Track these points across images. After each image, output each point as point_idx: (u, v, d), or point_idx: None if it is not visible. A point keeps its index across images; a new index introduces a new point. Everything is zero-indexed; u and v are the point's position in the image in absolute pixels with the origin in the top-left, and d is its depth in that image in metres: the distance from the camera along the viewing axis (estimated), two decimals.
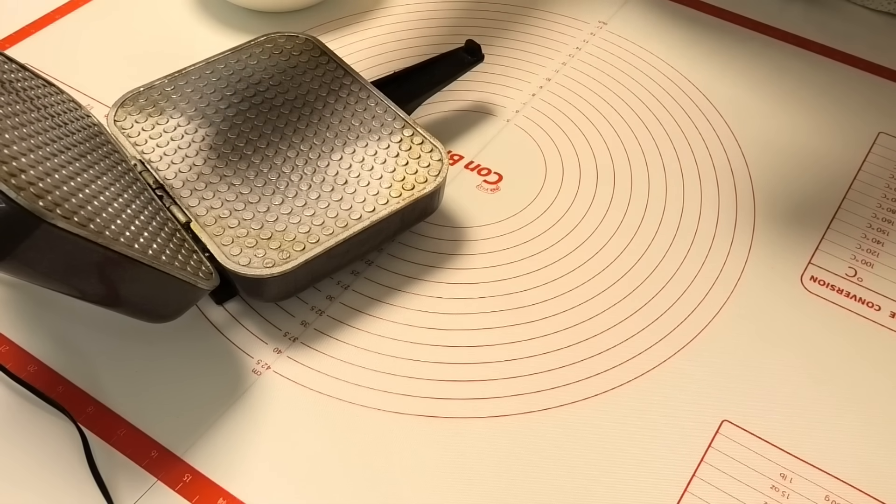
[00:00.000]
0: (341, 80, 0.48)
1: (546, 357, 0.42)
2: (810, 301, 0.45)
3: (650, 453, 0.39)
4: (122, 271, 0.34)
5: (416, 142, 0.45)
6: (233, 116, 0.46)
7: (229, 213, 0.41)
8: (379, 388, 0.41)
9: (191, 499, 0.37)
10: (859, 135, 0.54)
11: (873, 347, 0.43)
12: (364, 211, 0.42)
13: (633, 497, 0.37)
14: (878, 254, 0.47)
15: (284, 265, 0.39)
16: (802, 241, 0.47)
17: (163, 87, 0.47)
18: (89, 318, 0.43)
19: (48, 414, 0.39)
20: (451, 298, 0.44)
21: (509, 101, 0.55)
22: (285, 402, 0.40)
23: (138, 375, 0.41)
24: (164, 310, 0.37)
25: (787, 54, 0.59)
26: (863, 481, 0.38)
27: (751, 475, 0.38)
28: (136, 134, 0.45)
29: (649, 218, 0.48)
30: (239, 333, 0.43)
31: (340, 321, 0.43)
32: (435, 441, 0.39)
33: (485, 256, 0.46)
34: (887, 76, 0.58)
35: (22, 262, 0.30)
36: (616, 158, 0.52)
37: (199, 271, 0.38)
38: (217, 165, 0.43)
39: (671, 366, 0.42)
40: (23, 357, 0.41)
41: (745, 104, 0.55)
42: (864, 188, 0.50)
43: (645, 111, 0.55)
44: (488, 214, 0.48)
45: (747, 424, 0.40)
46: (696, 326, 0.43)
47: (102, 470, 0.37)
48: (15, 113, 0.36)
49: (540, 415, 0.40)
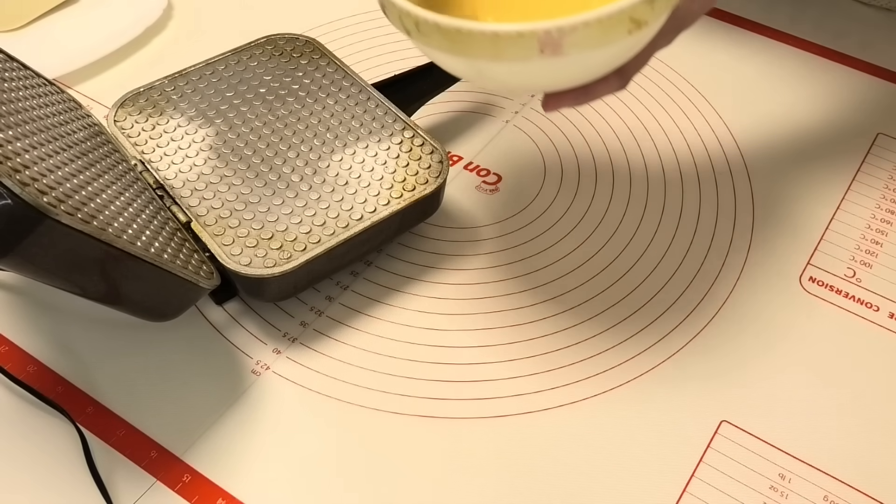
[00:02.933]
0: (341, 82, 0.48)
1: (546, 357, 0.42)
2: (809, 301, 0.45)
3: (649, 453, 0.39)
4: (125, 268, 0.34)
5: (416, 143, 0.45)
6: (233, 117, 0.46)
7: (230, 213, 0.41)
8: (378, 389, 0.41)
9: (190, 499, 0.37)
10: (858, 135, 0.54)
11: (872, 348, 0.43)
12: (365, 211, 0.42)
13: (632, 497, 0.37)
14: (877, 254, 0.47)
15: (285, 265, 0.39)
16: (801, 242, 0.48)
17: (163, 87, 0.47)
18: (89, 319, 0.43)
19: (47, 414, 0.39)
20: (450, 299, 0.44)
21: (508, 102, 0.55)
22: (284, 403, 0.40)
23: (138, 376, 0.41)
24: (165, 308, 0.37)
25: (786, 55, 0.59)
26: (861, 481, 0.38)
27: (749, 475, 0.38)
28: (136, 134, 0.45)
29: (648, 218, 0.48)
30: (238, 334, 0.43)
31: (340, 322, 0.43)
32: (434, 441, 0.39)
33: (484, 257, 0.46)
34: (886, 77, 0.58)
35: (25, 257, 0.30)
36: (615, 159, 0.52)
37: (199, 270, 0.38)
38: (217, 165, 0.43)
39: (670, 366, 0.42)
40: (22, 358, 0.41)
41: (745, 104, 0.55)
42: (862, 189, 0.50)
43: (643, 111, 0.55)
44: (488, 215, 0.48)
45: (746, 425, 0.40)
46: (695, 327, 0.43)
47: (102, 470, 0.37)
48: (17, 111, 0.36)
49: (540, 415, 0.40)
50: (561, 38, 0.29)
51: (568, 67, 0.32)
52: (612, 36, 0.30)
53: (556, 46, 0.29)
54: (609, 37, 0.30)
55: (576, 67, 0.32)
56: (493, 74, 0.33)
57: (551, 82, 0.34)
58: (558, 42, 0.29)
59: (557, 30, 0.29)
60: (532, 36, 0.29)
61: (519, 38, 0.29)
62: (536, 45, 0.29)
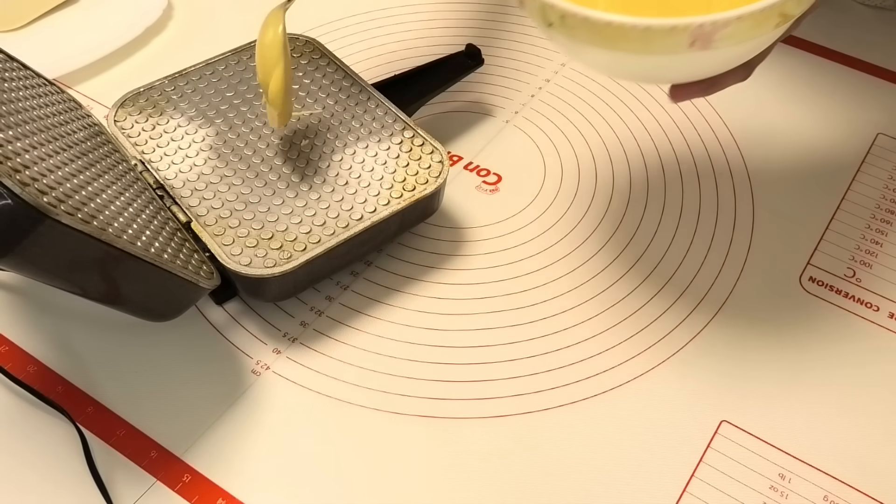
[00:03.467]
0: (341, 82, 0.48)
1: (546, 357, 0.42)
2: (809, 301, 0.45)
3: (649, 453, 0.39)
4: (125, 268, 0.34)
5: (417, 143, 0.45)
6: (233, 117, 0.46)
7: (230, 213, 0.41)
8: (378, 389, 0.41)
9: (190, 499, 0.37)
10: (858, 136, 0.54)
11: (872, 348, 0.43)
12: (365, 211, 0.42)
13: (632, 497, 0.37)
14: (877, 254, 0.47)
15: (286, 265, 0.39)
16: (801, 242, 0.48)
17: (163, 87, 0.47)
18: (89, 319, 0.43)
19: (47, 414, 0.39)
20: (450, 299, 0.44)
21: (508, 102, 0.55)
22: (285, 403, 0.40)
23: (138, 376, 0.41)
24: (165, 308, 0.37)
25: (786, 55, 0.59)
26: (861, 481, 0.38)
27: (749, 475, 0.38)
28: (136, 134, 0.45)
29: (648, 218, 0.48)
30: (238, 334, 0.43)
31: (340, 322, 0.43)
32: (434, 441, 0.39)
33: (484, 257, 0.46)
34: (886, 77, 0.58)
35: (25, 257, 0.30)
36: (615, 159, 0.52)
37: (199, 270, 0.38)
38: (217, 165, 0.43)
39: (670, 366, 0.42)
40: (22, 357, 0.41)
41: (744, 105, 0.55)
42: (862, 189, 0.50)
43: (643, 111, 0.55)
44: (488, 215, 0.49)
45: (746, 425, 0.40)
46: (695, 327, 0.43)
47: (102, 470, 0.37)
48: (17, 111, 0.36)
49: (540, 415, 0.40)
50: (714, 32, 0.29)
51: (711, 60, 0.32)
52: (761, 30, 0.30)
53: (708, 41, 0.29)
54: (758, 31, 0.30)
55: (718, 60, 0.32)
56: (634, 67, 0.33)
57: (688, 74, 0.35)
58: (710, 36, 0.29)
59: (712, 24, 0.29)
60: (685, 30, 0.29)
61: (671, 32, 0.29)
62: (688, 39, 0.29)
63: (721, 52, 0.31)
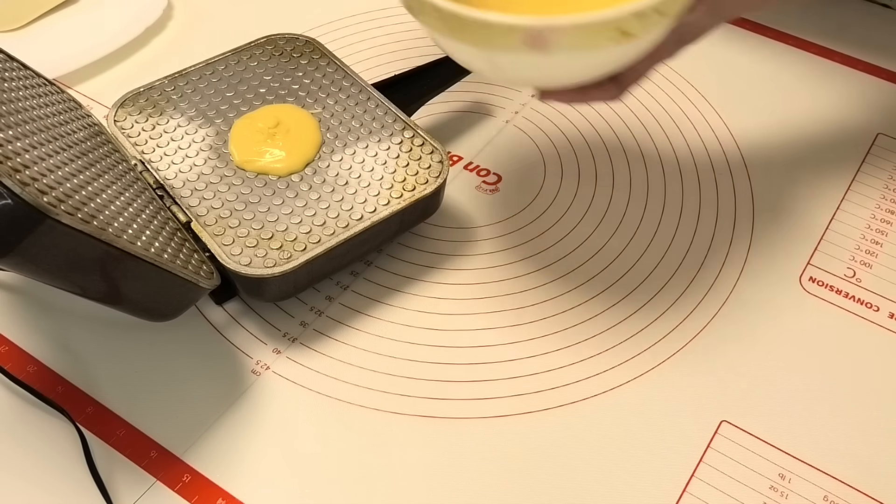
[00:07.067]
0: (341, 82, 0.48)
1: (546, 357, 0.42)
2: (809, 301, 0.45)
3: (649, 453, 0.39)
4: (125, 268, 0.34)
5: (417, 143, 0.45)
6: (233, 117, 0.46)
7: (230, 213, 0.41)
8: (378, 389, 0.41)
9: (190, 499, 0.37)
10: (858, 136, 0.54)
11: (872, 348, 0.43)
12: (365, 211, 0.42)
13: (632, 497, 0.37)
14: (877, 254, 0.47)
15: (286, 265, 0.39)
16: (801, 242, 0.48)
17: (163, 87, 0.47)
18: (89, 319, 0.43)
19: (47, 414, 0.39)
20: (450, 299, 0.44)
21: (508, 103, 0.55)
22: (284, 403, 0.40)
23: (138, 376, 0.41)
24: (165, 308, 0.37)
25: (787, 54, 0.59)
26: (861, 481, 0.38)
27: (749, 475, 0.38)
28: (136, 134, 0.45)
29: (648, 219, 0.48)
30: (238, 334, 0.43)
31: (340, 322, 0.43)
32: (434, 441, 0.39)
33: (484, 257, 0.46)
34: (886, 77, 0.58)
35: (25, 257, 0.30)
36: (615, 159, 0.52)
37: (199, 270, 0.38)
38: (217, 165, 0.43)
39: (670, 366, 0.42)
40: (22, 358, 0.41)
41: (744, 105, 0.55)
42: (862, 189, 0.50)
43: (643, 111, 0.55)
44: (488, 215, 0.48)
45: (746, 425, 0.40)
46: (695, 327, 0.43)
47: (102, 470, 0.37)
48: (17, 111, 0.36)
49: (540, 415, 0.40)
50: (548, 35, 0.30)
51: (557, 65, 0.33)
52: (598, 42, 0.31)
53: (543, 43, 0.31)
54: (595, 42, 0.31)
55: (565, 67, 0.33)
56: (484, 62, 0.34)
57: (544, 78, 0.36)
58: (545, 39, 0.30)
59: (546, 28, 0.30)
60: (519, 29, 0.30)
61: (508, 29, 0.31)
62: (522, 39, 0.31)
63: (563, 58, 0.32)
